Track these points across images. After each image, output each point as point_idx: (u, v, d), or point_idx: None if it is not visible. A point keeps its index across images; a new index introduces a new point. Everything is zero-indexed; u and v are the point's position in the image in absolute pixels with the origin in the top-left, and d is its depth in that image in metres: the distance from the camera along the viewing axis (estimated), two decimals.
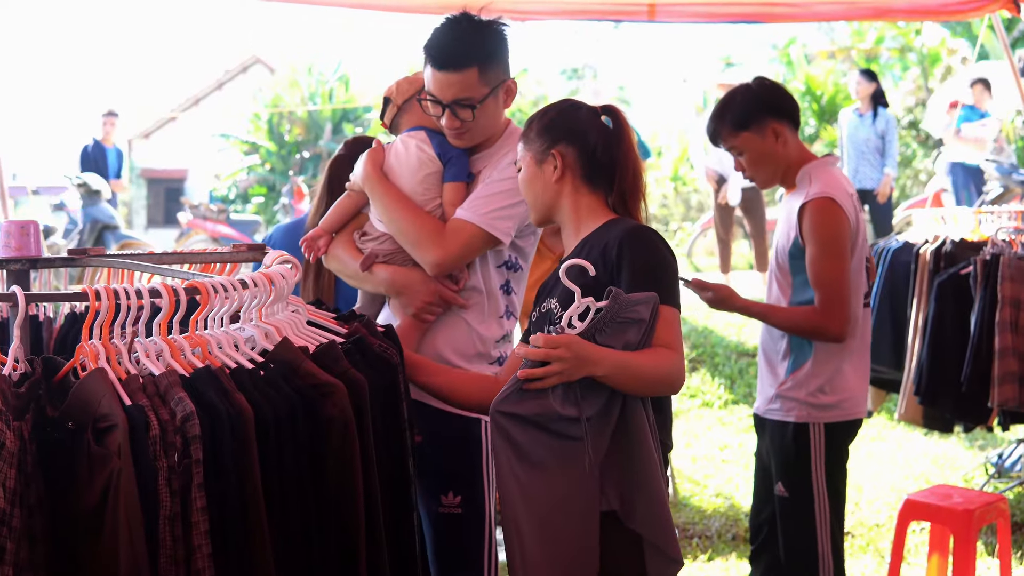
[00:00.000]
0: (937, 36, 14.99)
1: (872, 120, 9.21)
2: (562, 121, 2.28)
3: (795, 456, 3.03)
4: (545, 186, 2.27)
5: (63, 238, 10.81)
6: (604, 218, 2.26)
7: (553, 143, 2.25)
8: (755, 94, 3.06)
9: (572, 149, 2.25)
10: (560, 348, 1.93)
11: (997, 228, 4.49)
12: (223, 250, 2.52)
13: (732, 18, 5.82)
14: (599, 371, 1.97)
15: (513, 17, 5.59)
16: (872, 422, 6.06)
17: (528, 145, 2.29)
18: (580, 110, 2.31)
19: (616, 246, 2.14)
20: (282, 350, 1.70)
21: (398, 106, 2.66)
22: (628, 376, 2.01)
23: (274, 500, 1.55)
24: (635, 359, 2.02)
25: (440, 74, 2.47)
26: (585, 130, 2.26)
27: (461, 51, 2.47)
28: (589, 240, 2.23)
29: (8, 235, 2.14)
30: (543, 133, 2.27)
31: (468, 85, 2.47)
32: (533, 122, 2.30)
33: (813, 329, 2.95)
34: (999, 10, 5.45)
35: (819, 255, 2.91)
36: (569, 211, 2.27)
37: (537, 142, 2.27)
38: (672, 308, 2.12)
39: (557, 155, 2.25)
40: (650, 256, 2.15)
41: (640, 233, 2.18)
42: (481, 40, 2.50)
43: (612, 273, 2.13)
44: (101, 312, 1.55)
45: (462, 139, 2.56)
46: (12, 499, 1.36)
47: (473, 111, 2.49)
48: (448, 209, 2.54)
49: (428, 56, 2.49)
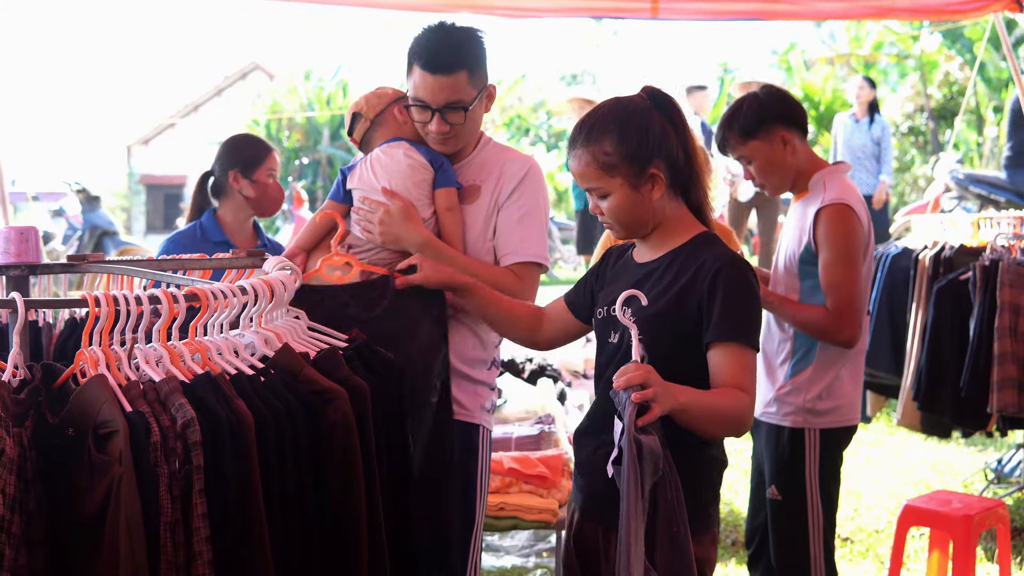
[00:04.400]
0: (935, 43, 15.03)
1: (868, 126, 9.23)
2: (648, 137, 2.14)
3: (789, 460, 3.03)
4: (646, 207, 2.17)
5: (62, 244, 10.82)
6: (690, 228, 2.21)
7: (648, 163, 2.14)
8: (762, 102, 3.05)
9: (663, 163, 2.15)
10: (652, 374, 1.89)
11: (996, 234, 4.49)
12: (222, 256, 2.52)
13: (734, 16, 5.82)
14: (683, 398, 1.92)
15: (515, 15, 5.61)
16: (871, 428, 6.06)
17: (614, 172, 2.14)
18: (649, 114, 2.16)
19: (710, 277, 2.09)
20: (283, 356, 1.70)
21: (370, 120, 2.67)
22: (702, 413, 1.98)
23: (275, 506, 1.55)
24: (710, 397, 2.00)
25: (432, 78, 2.48)
26: (665, 139, 2.15)
27: (452, 55, 2.49)
28: (679, 255, 2.18)
29: (7, 241, 2.13)
30: (636, 155, 2.13)
31: (459, 88, 2.50)
32: (610, 142, 2.14)
33: (823, 330, 2.95)
34: (1001, 10, 5.46)
35: (834, 261, 2.92)
36: (662, 223, 2.21)
37: (626, 167, 2.14)
38: (750, 350, 2.08)
39: (657, 173, 2.15)
40: (742, 294, 2.10)
41: (734, 267, 2.11)
42: (468, 44, 2.53)
43: (701, 303, 2.09)
44: (101, 318, 1.55)
45: (447, 144, 2.59)
46: (12, 505, 1.36)
47: (465, 113, 2.52)
48: (444, 215, 2.56)
49: (418, 61, 2.51)
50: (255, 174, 3.59)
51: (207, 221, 3.62)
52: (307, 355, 1.75)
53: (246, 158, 3.61)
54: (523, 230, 2.58)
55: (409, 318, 2.38)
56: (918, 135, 15.07)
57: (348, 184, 2.64)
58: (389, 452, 1.88)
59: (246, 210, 3.63)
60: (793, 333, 3.04)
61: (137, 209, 25.56)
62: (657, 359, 2.01)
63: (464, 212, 2.60)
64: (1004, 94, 14.14)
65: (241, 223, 3.65)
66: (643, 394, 1.85)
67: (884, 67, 17.32)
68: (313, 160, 19.28)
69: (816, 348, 3.00)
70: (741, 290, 2.10)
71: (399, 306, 2.38)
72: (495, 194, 2.60)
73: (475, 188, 2.62)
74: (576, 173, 2.21)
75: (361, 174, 2.61)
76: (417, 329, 2.39)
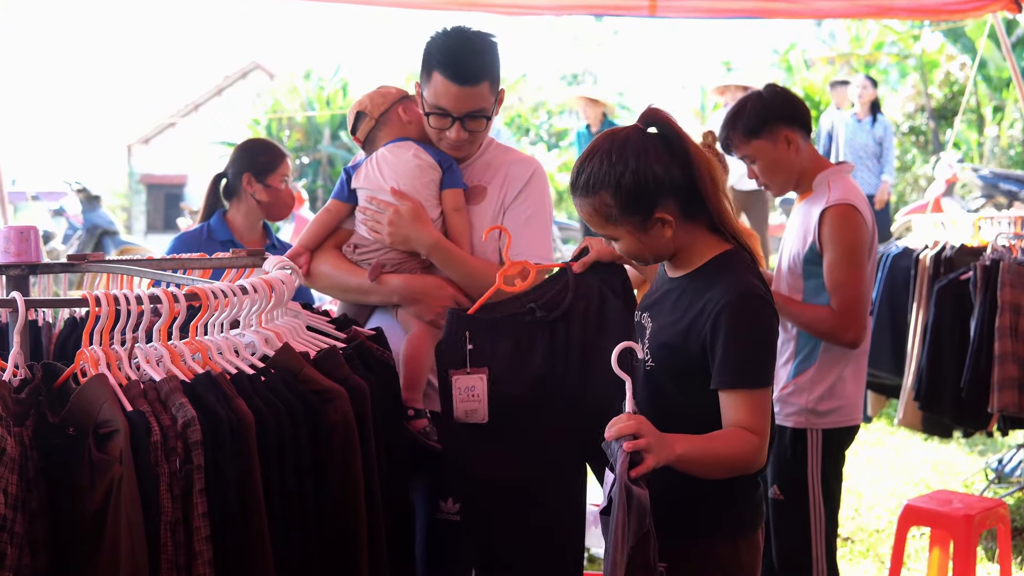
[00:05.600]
0: (936, 42, 15.02)
1: (871, 126, 9.23)
2: (645, 182, 2.02)
3: (792, 460, 3.03)
4: (659, 243, 2.09)
5: (62, 243, 10.81)
6: (710, 249, 2.12)
7: (652, 208, 2.04)
8: (766, 102, 3.05)
9: (671, 201, 2.05)
10: (644, 425, 1.82)
11: (997, 234, 4.49)
12: (223, 256, 2.52)
13: (733, 14, 5.81)
14: (679, 449, 1.86)
15: (514, 13, 5.61)
16: (872, 427, 6.06)
17: (618, 223, 2.06)
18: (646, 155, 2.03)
19: (713, 316, 2.00)
20: (283, 356, 1.70)
21: (375, 119, 2.64)
22: (703, 460, 1.93)
23: (275, 505, 1.55)
24: (712, 444, 1.95)
25: (456, 88, 2.47)
26: (667, 174, 2.04)
27: (476, 65, 2.48)
28: (698, 277, 2.11)
29: (8, 240, 2.14)
30: (636, 204, 2.03)
31: (482, 98, 2.50)
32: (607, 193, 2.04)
33: (827, 331, 2.94)
34: (1000, 10, 5.46)
35: (839, 261, 2.91)
36: (681, 251, 2.13)
37: (628, 219, 2.05)
38: (759, 390, 1.99)
39: (664, 216, 2.05)
40: (748, 332, 2.01)
41: (741, 302, 2.01)
42: (490, 53, 2.52)
43: (704, 343, 2.02)
44: (101, 318, 1.55)
45: (462, 150, 2.59)
46: (14, 505, 1.36)
47: (486, 122, 2.53)
48: (452, 216, 2.56)
49: (441, 69, 2.47)
50: (269, 179, 3.63)
51: (215, 222, 3.65)
52: (307, 355, 1.75)
53: (261, 163, 3.64)
54: (530, 232, 2.58)
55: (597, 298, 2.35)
56: (918, 135, 15.05)
57: (353, 183, 2.63)
58: (388, 451, 1.88)
59: (257, 213, 3.67)
60: (796, 333, 3.04)
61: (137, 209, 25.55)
62: (670, 384, 2.02)
63: (470, 213, 2.60)
64: (1004, 94, 14.13)
65: (251, 225, 3.69)
66: (635, 444, 1.78)
67: (884, 67, 17.30)
68: (313, 160, 19.27)
69: (819, 348, 3.00)
70: (747, 329, 2.00)
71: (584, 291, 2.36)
72: (501, 195, 2.60)
73: (481, 189, 2.62)
74: (584, 215, 2.13)
75: (367, 173, 2.59)
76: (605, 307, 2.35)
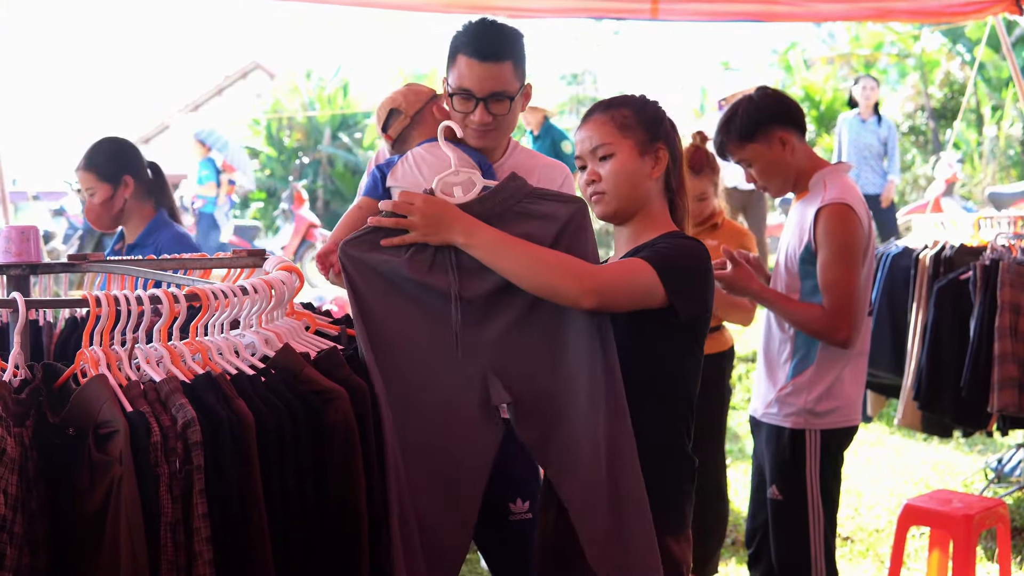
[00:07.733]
0: (936, 42, 15.03)
1: (876, 125, 9.22)
2: (663, 120, 2.25)
3: (790, 461, 3.03)
4: (642, 180, 2.21)
5: (63, 243, 10.82)
6: (664, 226, 2.24)
7: (656, 138, 2.22)
8: (758, 104, 3.04)
9: (667, 152, 2.23)
10: (414, 205, 1.92)
11: (996, 234, 4.49)
12: (223, 256, 2.53)
13: (734, 17, 5.82)
14: (458, 238, 1.92)
15: (515, 15, 5.60)
16: (871, 427, 6.06)
17: (627, 132, 2.20)
18: (664, 112, 2.28)
19: (653, 242, 2.15)
20: (283, 356, 1.70)
21: (410, 117, 2.59)
22: (501, 255, 1.92)
23: (275, 506, 1.55)
24: (521, 244, 1.94)
25: (479, 65, 2.47)
26: (672, 136, 2.26)
27: (499, 43, 2.49)
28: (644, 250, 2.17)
29: (8, 240, 2.14)
30: (650, 125, 2.22)
31: (505, 78, 2.49)
32: (629, 108, 2.22)
33: (819, 330, 2.94)
34: (1001, 12, 5.46)
35: (832, 261, 2.91)
36: (645, 213, 2.24)
37: (640, 132, 2.21)
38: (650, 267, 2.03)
39: (662, 151, 2.22)
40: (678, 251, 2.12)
41: (683, 240, 2.17)
42: (514, 36, 2.54)
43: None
44: (101, 318, 1.55)
45: (486, 138, 2.56)
46: (14, 505, 1.36)
47: (509, 104, 2.51)
48: None
49: (464, 50, 2.49)
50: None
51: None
52: (308, 355, 1.75)
53: None
54: None
55: None
56: (918, 135, 15.07)
57: (388, 181, 2.59)
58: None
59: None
60: (794, 333, 3.04)
61: None
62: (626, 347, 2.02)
63: None
64: (1004, 94, 14.14)
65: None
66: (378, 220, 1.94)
67: (884, 67, 17.31)
68: (314, 159, 19.26)
69: (817, 348, 3.00)
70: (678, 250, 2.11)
71: None
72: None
73: None
74: (585, 137, 2.23)
75: (404, 172, 2.54)
76: None
